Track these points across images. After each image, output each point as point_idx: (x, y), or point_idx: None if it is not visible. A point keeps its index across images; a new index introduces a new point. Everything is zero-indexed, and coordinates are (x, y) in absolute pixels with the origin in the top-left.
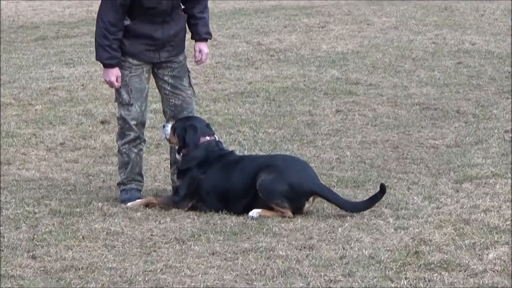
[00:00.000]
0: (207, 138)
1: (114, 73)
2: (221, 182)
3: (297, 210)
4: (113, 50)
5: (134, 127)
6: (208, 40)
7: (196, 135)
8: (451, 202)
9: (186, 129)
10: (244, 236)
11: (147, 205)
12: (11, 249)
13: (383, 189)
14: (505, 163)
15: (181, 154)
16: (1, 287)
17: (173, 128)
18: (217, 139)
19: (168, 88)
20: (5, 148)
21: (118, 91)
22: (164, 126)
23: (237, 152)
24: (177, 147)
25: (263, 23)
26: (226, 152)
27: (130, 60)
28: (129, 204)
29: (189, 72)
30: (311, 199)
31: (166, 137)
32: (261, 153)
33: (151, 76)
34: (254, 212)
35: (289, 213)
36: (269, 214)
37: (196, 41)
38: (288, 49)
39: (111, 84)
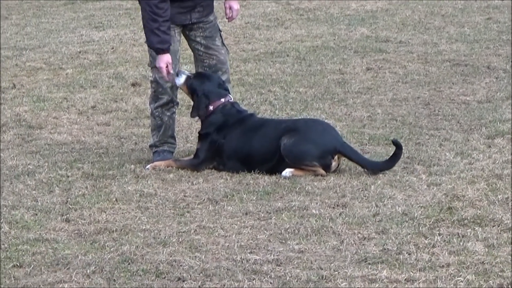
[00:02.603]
0: (222, 100)
1: (165, 60)
2: (243, 146)
3: (325, 168)
4: (163, 33)
5: (168, 89)
6: None
7: (207, 102)
8: (483, 157)
9: (198, 94)
10: (277, 195)
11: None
12: (45, 212)
13: (398, 145)
14: None
15: (194, 117)
16: (36, 251)
17: (187, 81)
18: (231, 100)
19: (202, 49)
20: (37, 112)
21: (152, 55)
22: (178, 74)
23: (258, 115)
24: (190, 111)
25: None
26: (246, 115)
27: None
28: (148, 166)
29: (221, 31)
30: (336, 157)
31: (177, 84)
32: (292, 113)
33: (182, 38)
34: (287, 172)
35: (321, 171)
36: (302, 173)
37: None
38: (317, 8)
39: (161, 71)
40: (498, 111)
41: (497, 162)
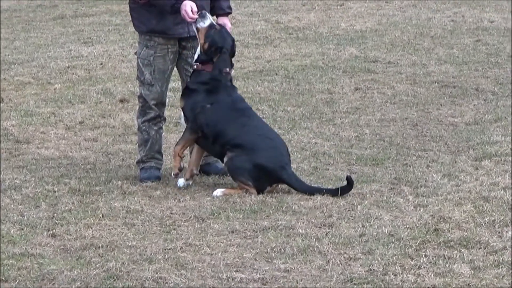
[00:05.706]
0: (228, 69)
1: (189, 5)
2: (221, 121)
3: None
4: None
5: (154, 106)
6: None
7: (226, 63)
8: (470, 179)
9: (221, 49)
10: (264, 214)
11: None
12: (31, 227)
13: (349, 181)
14: None
15: (197, 65)
16: (22, 266)
17: (209, 30)
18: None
19: (190, 70)
20: (24, 127)
21: (140, 70)
22: (202, 15)
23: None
24: (198, 52)
25: (282, 1)
26: (234, 91)
27: (157, 39)
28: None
29: None
30: (274, 185)
31: (197, 26)
32: (280, 131)
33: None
34: (218, 191)
35: (253, 190)
36: (233, 191)
37: (218, 16)
38: (306, 27)
39: (188, 14)
40: (486, 133)
41: (484, 184)
